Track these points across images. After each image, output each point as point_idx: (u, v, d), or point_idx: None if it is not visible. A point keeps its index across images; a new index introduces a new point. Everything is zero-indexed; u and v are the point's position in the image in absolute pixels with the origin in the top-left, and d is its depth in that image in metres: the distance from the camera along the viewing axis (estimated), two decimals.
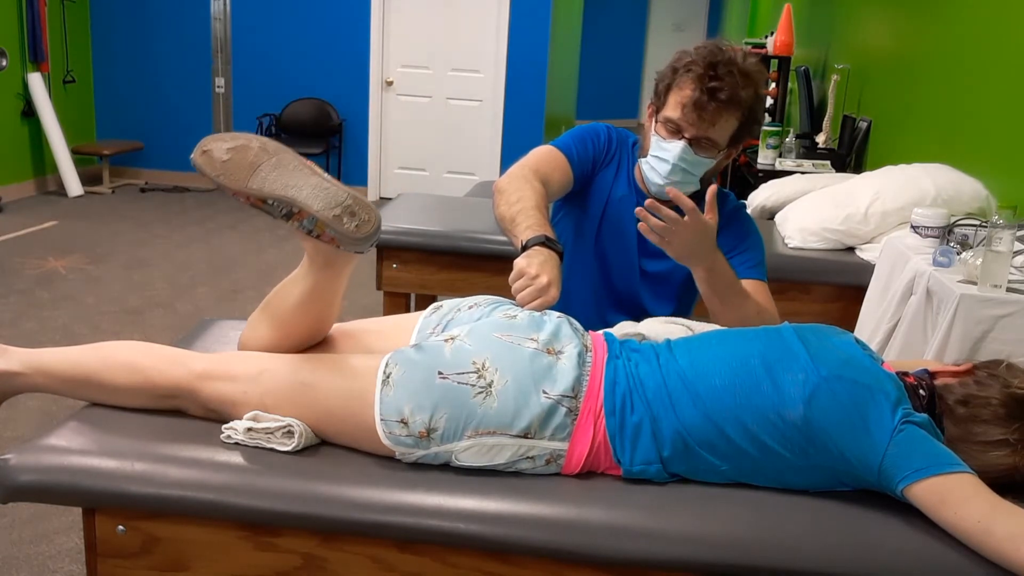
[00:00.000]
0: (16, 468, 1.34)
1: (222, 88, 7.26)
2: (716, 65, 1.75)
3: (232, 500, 1.32)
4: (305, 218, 1.36)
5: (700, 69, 1.75)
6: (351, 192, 1.38)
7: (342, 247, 1.40)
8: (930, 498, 1.25)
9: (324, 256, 1.44)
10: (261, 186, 1.35)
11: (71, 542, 2.43)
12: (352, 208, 1.36)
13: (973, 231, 2.41)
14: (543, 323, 1.48)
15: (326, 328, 1.57)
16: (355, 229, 1.36)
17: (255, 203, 1.37)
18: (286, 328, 1.51)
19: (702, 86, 1.75)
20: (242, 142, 1.37)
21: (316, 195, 1.35)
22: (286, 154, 1.39)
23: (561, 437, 1.36)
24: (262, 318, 1.53)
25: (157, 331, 4.02)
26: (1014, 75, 2.83)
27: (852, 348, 1.42)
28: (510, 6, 6.84)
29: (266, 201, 1.36)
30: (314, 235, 1.38)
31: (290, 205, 1.35)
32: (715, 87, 1.74)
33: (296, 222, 1.37)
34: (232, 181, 1.35)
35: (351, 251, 1.42)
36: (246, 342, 1.55)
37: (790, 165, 4.58)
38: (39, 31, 6.52)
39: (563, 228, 2.05)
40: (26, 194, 6.65)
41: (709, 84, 1.74)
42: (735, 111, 1.78)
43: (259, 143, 1.38)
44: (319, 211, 1.34)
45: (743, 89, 1.76)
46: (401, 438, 1.35)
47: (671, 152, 1.82)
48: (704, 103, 1.75)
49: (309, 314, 1.50)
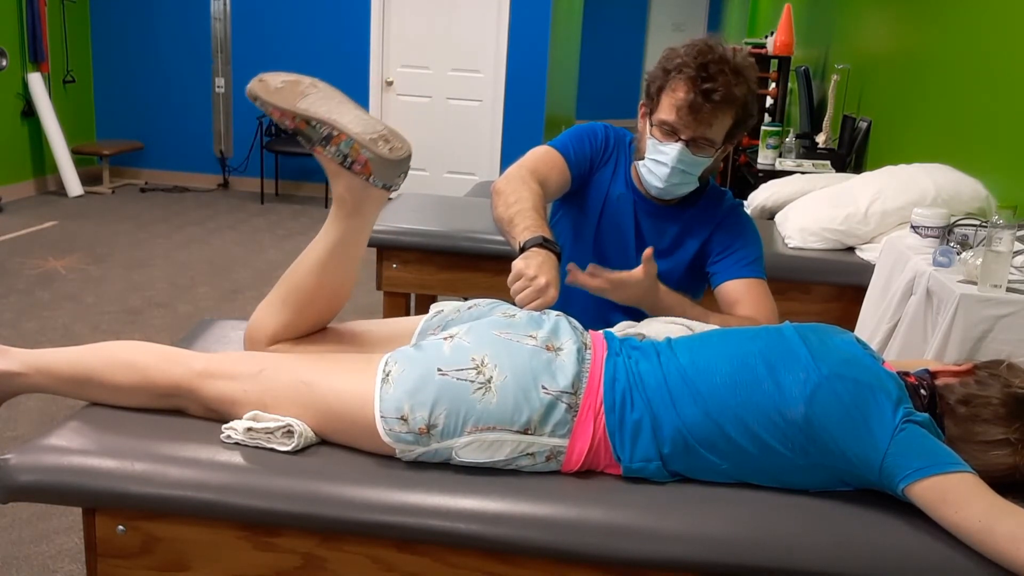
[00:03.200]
0: (16, 468, 1.34)
1: (222, 88, 7.26)
2: (707, 65, 1.75)
3: (232, 500, 1.32)
4: (343, 140, 1.46)
5: (692, 71, 1.75)
6: (388, 126, 1.51)
7: (374, 176, 1.48)
8: (931, 497, 1.25)
9: (353, 195, 1.51)
10: (308, 107, 1.48)
11: (71, 542, 2.43)
12: (387, 136, 1.49)
13: (973, 231, 2.41)
14: (542, 321, 1.48)
15: (340, 302, 1.60)
16: (389, 151, 1.48)
17: (299, 125, 1.48)
18: (302, 300, 1.54)
19: (696, 88, 1.75)
20: (295, 78, 1.52)
21: (356, 121, 1.48)
22: (333, 90, 1.52)
23: (561, 433, 1.36)
24: (277, 296, 1.56)
25: (157, 331, 4.02)
26: (1014, 75, 2.83)
27: (853, 347, 1.42)
28: (510, 6, 6.84)
29: (309, 122, 1.47)
30: (348, 163, 1.47)
31: (331, 127, 1.47)
32: (709, 88, 1.74)
33: (334, 146, 1.47)
34: (283, 100, 1.48)
35: (380, 184, 1.50)
36: (256, 326, 1.57)
37: (790, 165, 4.58)
38: (39, 31, 6.53)
39: (561, 228, 2.05)
40: (26, 194, 6.65)
41: (703, 86, 1.74)
42: (730, 109, 1.78)
43: (311, 80, 1.52)
44: (358, 133, 1.46)
45: (736, 87, 1.76)
46: (401, 435, 1.36)
47: (669, 155, 1.82)
48: (699, 105, 1.75)
49: (328, 278, 1.54)
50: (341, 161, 1.48)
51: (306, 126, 1.48)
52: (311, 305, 1.56)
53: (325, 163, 1.51)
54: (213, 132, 7.36)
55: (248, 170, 7.34)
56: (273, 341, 1.57)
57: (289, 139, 7.03)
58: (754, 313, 1.84)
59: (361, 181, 1.50)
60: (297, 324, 1.56)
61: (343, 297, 1.60)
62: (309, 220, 6.47)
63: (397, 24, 7.05)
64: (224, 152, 7.38)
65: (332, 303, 1.59)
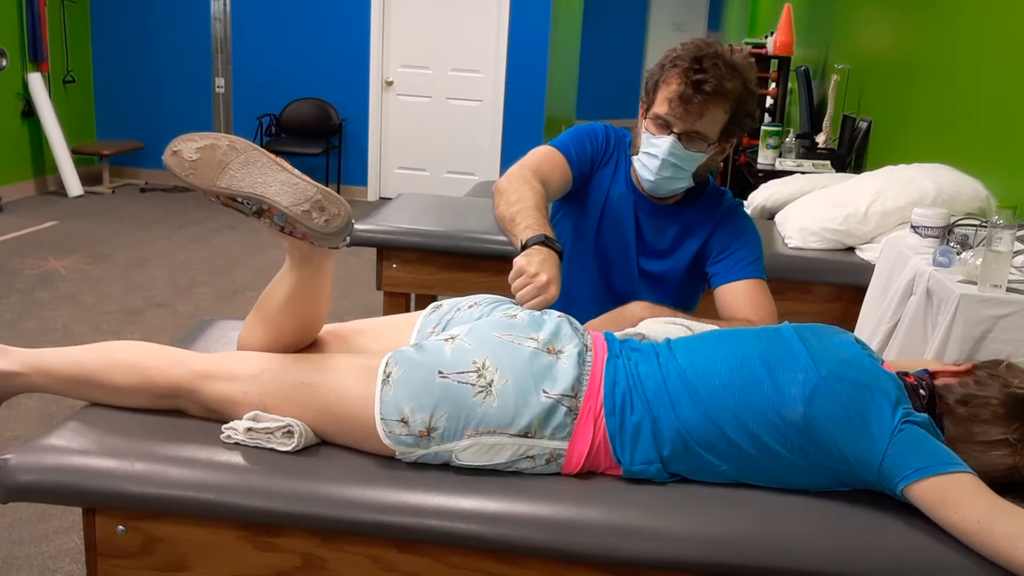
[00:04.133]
0: (16, 468, 1.34)
1: (222, 88, 7.26)
2: (702, 59, 1.76)
3: (232, 500, 1.32)
4: (275, 215, 1.36)
5: (686, 63, 1.77)
6: (320, 187, 1.39)
7: (315, 243, 1.40)
8: (930, 498, 1.25)
9: (300, 252, 1.45)
10: (230, 184, 1.36)
11: (71, 542, 2.43)
12: (321, 203, 1.36)
13: (973, 231, 2.41)
14: (543, 322, 1.48)
15: (315, 329, 1.57)
16: (325, 224, 1.37)
17: (226, 202, 1.38)
18: (276, 329, 1.51)
19: (687, 79, 1.76)
20: (211, 141, 1.39)
21: (284, 191, 1.36)
22: (255, 152, 1.40)
23: (561, 436, 1.36)
24: (255, 319, 1.54)
25: (157, 331, 4.02)
26: (1014, 75, 2.83)
27: (852, 348, 1.42)
28: (510, 6, 6.84)
29: (236, 199, 1.37)
30: (287, 231, 1.39)
31: (259, 202, 1.36)
32: (700, 79, 1.75)
33: (267, 219, 1.38)
34: (202, 180, 1.36)
35: (324, 246, 1.42)
36: (243, 343, 1.56)
37: (790, 165, 4.58)
38: (39, 31, 6.52)
39: (562, 228, 2.05)
40: (26, 194, 6.65)
41: (694, 77, 1.76)
42: (722, 103, 1.79)
43: (228, 141, 1.39)
44: (288, 207, 1.35)
45: (729, 80, 1.77)
46: (401, 437, 1.35)
47: (660, 148, 1.83)
48: (689, 96, 1.76)
49: (296, 313, 1.50)
50: (280, 230, 1.39)
51: (234, 202, 1.38)
52: (289, 332, 1.52)
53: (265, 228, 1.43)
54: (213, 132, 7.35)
55: None
56: None
57: (289, 139, 7.03)
58: (752, 315, 1.84)
59: (305, 244, 1.42)
60: (279, 347, 1.52)
61: (318, 325, 1.57)
62: None
63: (397, 24, 7.05)
64: None
65: (308, 331, 1.55)
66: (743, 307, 1.86)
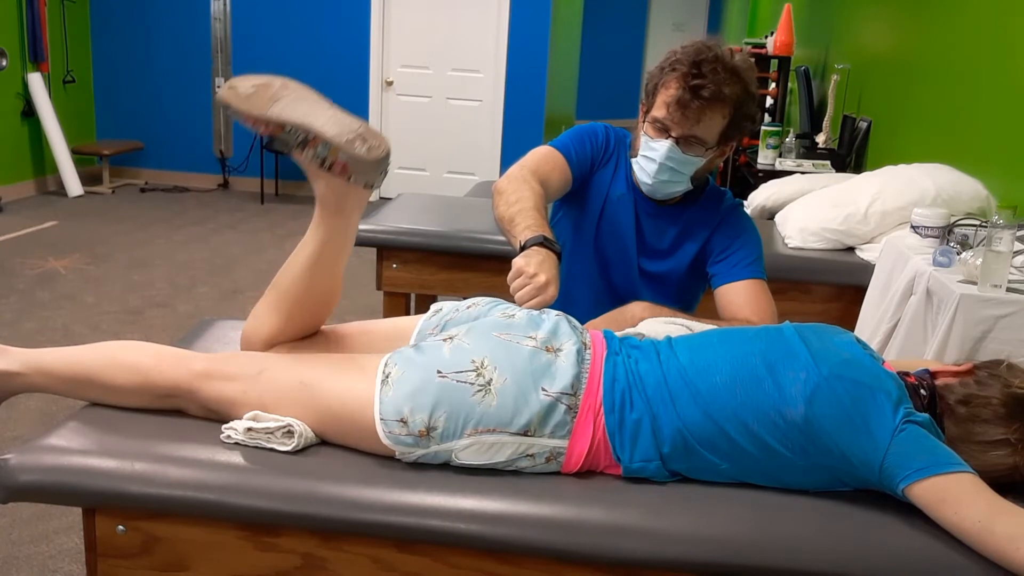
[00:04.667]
0: (16, 468, 1.34)
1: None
2: (701, 63, 1.76)
3: (232, 500, 1.32)
4: (319, 144, 1.43)
5: (684, 67, 1.77)
6: (364, 122, 1.46)
7: (353, 176, 1.45)
8: (931, 498, 1.25)
9: (336, 195, 1.49)
10: (280, 113, 1.45)
11: (71, 542, 2.43)
12: (364, 135, 1.44)
13: (973, 231, 2.41)
14: (541, 321, 1.48)
15: (329, 305, 1.59)
16: (367, 152, 1.43)
17: (274, 131, 1.46)
18: (291, 305, 1.53)
19: (685, 84, 1.76)
20: (266, 80, 1.49)
21: (331, 123, 1.44)
22: (306, 90, 1.50)
23: (561, 435, 1.36)
24: (266, 301, 1.55)
25: (157, 331, 4.02)
26: (1014, 75, 2.83)
27: (853, 348, 1.42)
28: (510, 6, 6.84)
29: (284, 128, 1.45)
30: (327, 165, 1.44)
31: (306, 131, 1.44)
32: (698, 84, 1.75)
33: (311, 149, 1.44)
34: (254, 108, 1.46)
35: (360, 183, 1.47)
36: (250, 332, 1.56)
37: (790, 165, 4.58)
38: (39, 31, 6.52)
39: (562, 228, 2.05)
40: (26, 194, 6.65)
41: (692, 82, 1.75)
42: (720, 108, 1.78)
43: (281, 82, 1.50)
44: (333, 136, 1.42)
45: (727, 86, 1.76)
46: (401, 437, 1.35)
47: (658, 151, 1.83)
48: (687, 101, 1.76)
49: (314, 284, 1.53)
50: (320, 164, 1.45)
51: (281, 131, 1.46)
52: (301, 310, 1.55)
53: (304, 165, 1.49)
54: (213, 132, 7.36)
55: (248, 170, 7.33)
56: (268, 346, 1.57)
57: None
58: (752, 315, 1.84)
59: (342, 182, 1.47)
60: (289, 329, 1.55)
61: (332, 302, 1.60)
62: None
63: (397, 24, 7.05)
64: (224, 152, 7.38)
65: (321, 308, 1.58)
66: (743, 307, 1.86)
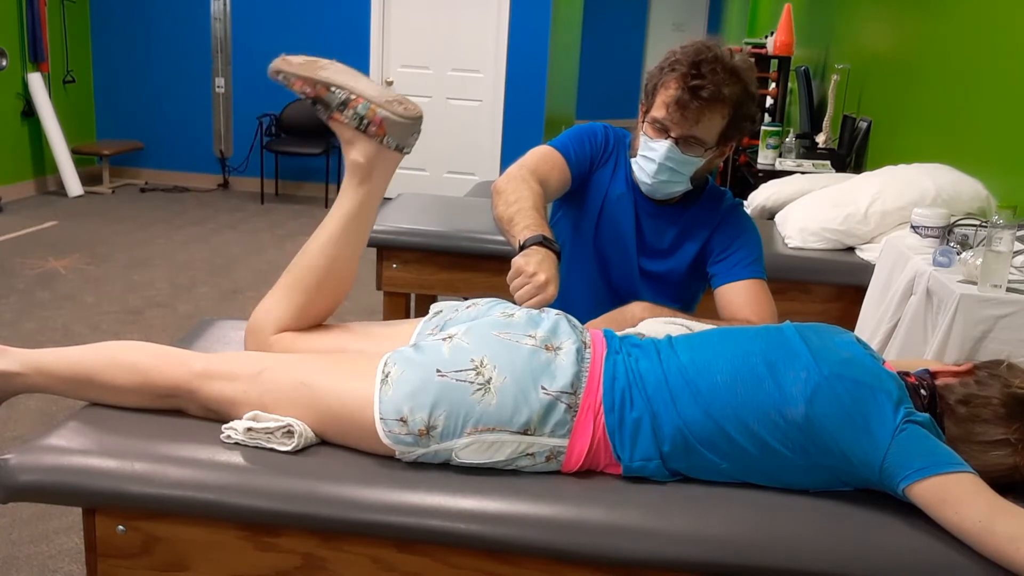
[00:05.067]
0: (16, 468, 1.34)
1: (222, 88, 7.26)
2: (700, 63, 1.76)
3: (232, 500, 1.32)
4: (360, 103, 1.61)
5: (684, 68, 1.77)
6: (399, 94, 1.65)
7: (388, 137, 1.60)
8: (931, 498, 1.25)
9: (368, 159, 1.62)
10: (328, 77, 1.64)
11: (71, 542, 2.43)
12: (400, 100, 1.63)
13: (973, 231, 2.41)
14: (541, 320, 1.48)
15: (344, 286, 1.66)
16: (404, 111, 1.61)
17: (319, 92, 1.63)
18: (311, 282, 1.60)
19: (685, 84, 1.76)
20: (314, 57, 1.68)
21: (371, 88, 1.64)
22: (348, 67, 1.68)
23: (561, 434, 1.36)
24: (281, 284, 1.62)
25: (157, 331, 4.02)
26: (1014, 75, 2.83)
27: (854, 347, 1.42)
28: (510, 6, 6.84)
29: (329, 88, 1.62)
30: (364, 125, 1.60)
31: (349, 92, 1.62)
32: (697, 85, 1.75)
33: (351, 109, 1.61)
34: (304, 71, 1.64)
35: (393, 144, 1.62)
36: (259, 318, 1.59)
37: (790, 165, 4.58)
38: (39, 31, 6.52)
39: (562, 228, 2.05)
40: (26, 194, 6.65)
41: (692, 82, 1.75)
42: (719, 108, 1.78)
43: (329, 61, 1.68)
44: (373, 96, 1.61)
45: (727, 86, 1.76)
46: (400, 436, 1.35)
47: (657, 152, 1.83)
48: (686, 101, 1.76)
49: (340, 251, 1.61)
50: (357, 124, 1.60)
51: (326, 92, 1.62)
52: (319, 289, 1.61)
53: (341, 130, 1.63)
54: (213, 132, 7.36)
55: (248, 170, 7.34)
56: (278, 330, 1.58)
57: (289, 139, 7.03)
58: (752, 315, 1.84)
59: (375, 144, 1.61)
60: (305, 310, 1.60)
61: (345, 286, 1.66)
62: (309, 220, 6.47)
63: (397, 24, 7.05)
64: (224, 152, 7.38)
65: (337, 289, 1.65)
66: (743, 307, 1.86)
